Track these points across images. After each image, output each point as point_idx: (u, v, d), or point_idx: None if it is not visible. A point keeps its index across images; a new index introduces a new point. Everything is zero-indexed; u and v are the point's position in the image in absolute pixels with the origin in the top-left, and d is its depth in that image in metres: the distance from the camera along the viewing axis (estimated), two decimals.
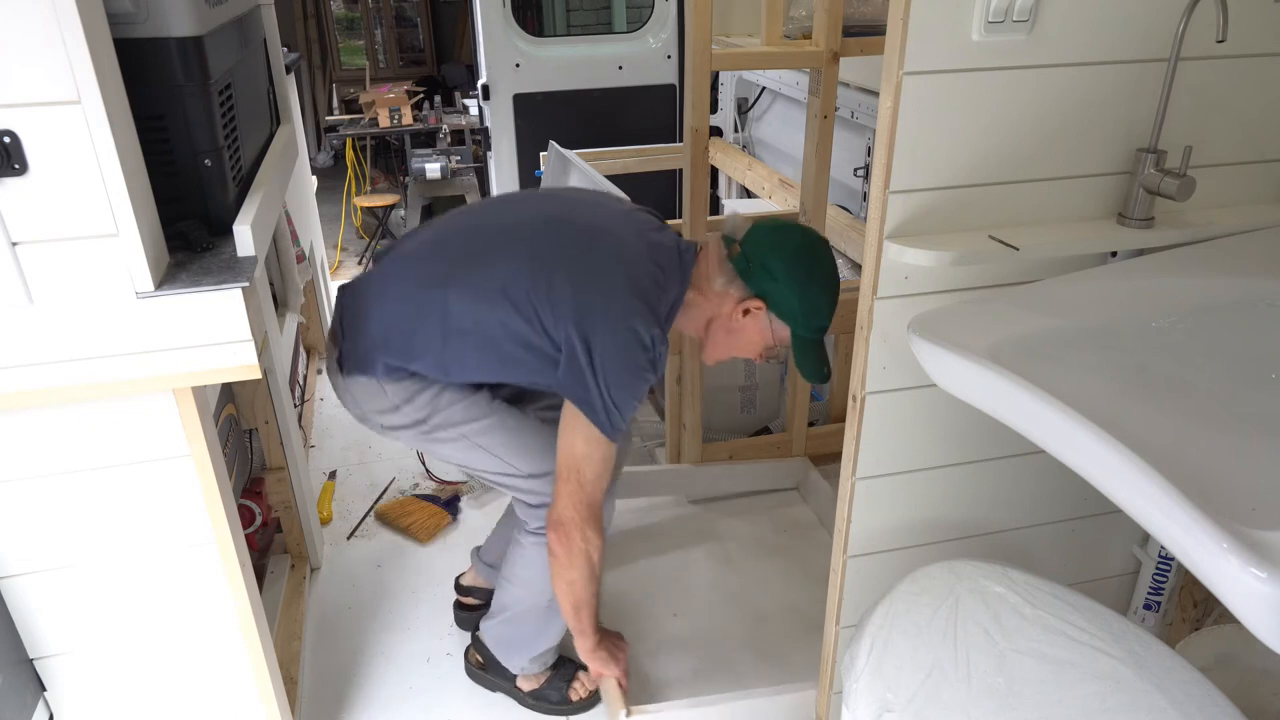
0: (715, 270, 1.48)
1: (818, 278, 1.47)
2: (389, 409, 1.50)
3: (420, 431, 1.53)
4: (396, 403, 1.49)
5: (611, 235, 1.47)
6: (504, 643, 1.77)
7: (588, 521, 1.45)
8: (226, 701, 1.47)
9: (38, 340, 1.10)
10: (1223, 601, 0.75)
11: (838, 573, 1.47)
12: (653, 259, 1.45)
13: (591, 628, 1.61)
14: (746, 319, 1.48)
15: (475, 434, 1.53)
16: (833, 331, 2.30)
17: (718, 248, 1.50)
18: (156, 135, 1.23)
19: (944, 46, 1.12)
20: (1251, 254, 1.24)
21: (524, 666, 1.77)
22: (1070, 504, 1.53)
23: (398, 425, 1.53)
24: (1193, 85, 1.23)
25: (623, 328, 1.37)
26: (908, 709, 1.03)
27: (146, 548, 1.32)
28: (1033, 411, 0.93)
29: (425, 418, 1.50)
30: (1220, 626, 1.43)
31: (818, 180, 2.07)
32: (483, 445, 1.54)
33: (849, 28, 2.00)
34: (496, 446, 1.55)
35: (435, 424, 1.51)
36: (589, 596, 1.54)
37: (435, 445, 1.57)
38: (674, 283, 1.47)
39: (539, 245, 1.44)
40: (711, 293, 1.49)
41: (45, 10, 0.96)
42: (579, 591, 1.52)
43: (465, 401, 1.51)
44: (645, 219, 1.56)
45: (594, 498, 1.45)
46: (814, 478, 2.37)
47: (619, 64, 3.61)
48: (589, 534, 1.46)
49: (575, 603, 1.55)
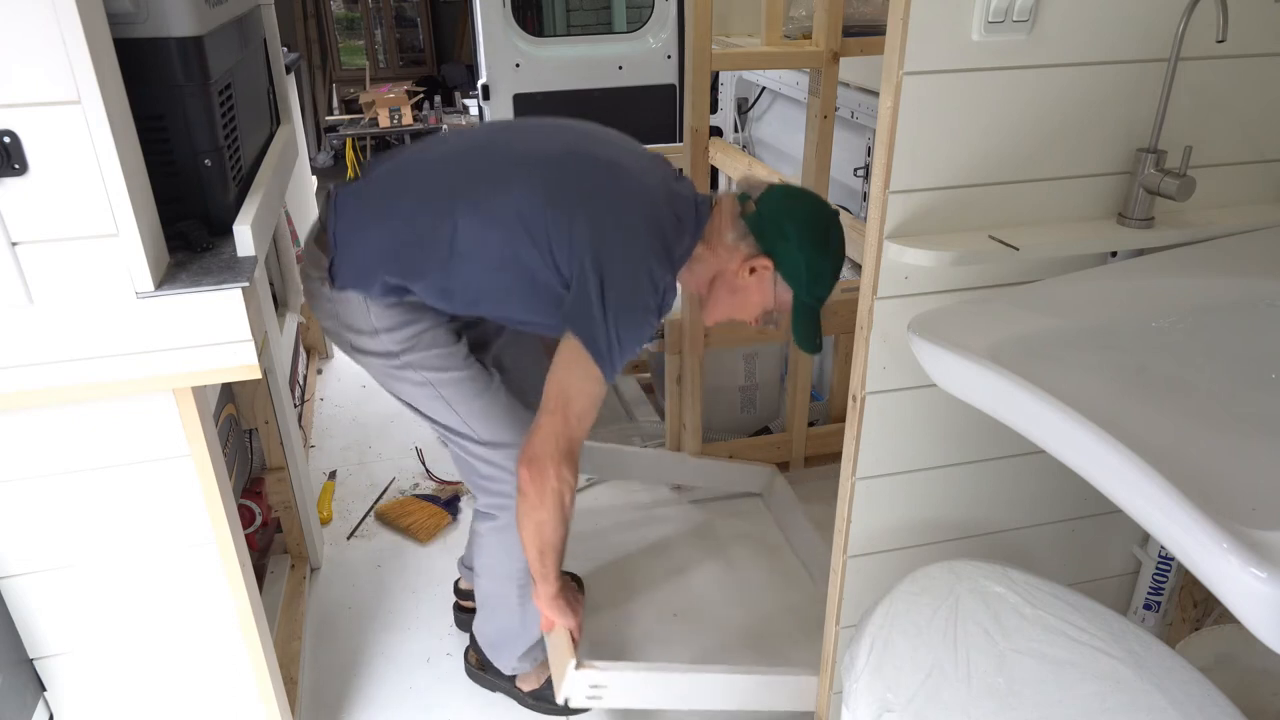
0: (727, 226, 1.46)
1: (828, 245, 1.46)
2: (368, 332, 1.46)
3: (389, 364, 1.49)
4: (378, 327, 1.45)
5: (633, 174, 1.44)
6: (489, 642, 1.77)
7: (565, 459, 1.38)
8: (226, 701, 1.47)
9: (38, 340, 1.10)
10: (1223, 601, 0.75)
11: (838, 573, 1.47)
12: (671, 205, 1.43)
13: (555, 574, 1.53)
14: (751, 278, 1.47)
15: (442, 384, 1.50)
16: (833, 332, 2.31)
17: (732, 204, 1.48)
18: (156, 135, 1.23)
19: (944, 46, 1.12)
20: (1251, 254, 1.24)
21: (514, 665, 1.76)
22: (1070, 504, 1.53)
23: (369, 351, 1.49)
24: (1193, 85, 1.23)
25: (639, 266, 1.36)
26: (908, 709, 1.03)
27: (146, 548, 1.32)
28: (1033, 411, 0.93)
29: (399, 352, 1.47)
30: (1220, 626, 1.43)
31: (818, 180, 2.07)
32: (446, 398, 1.51)
33: (849, 28, 2.00)
34: (459, 403, 1.52)
35: (406, 362, 1.48)
36: (557, 541, 1.46)
37: (398, 384, 1.53)
38: (688, 232, 1.45)
39: (559, 176, 1.40)
40: (721, 247, 1.47)
41: (45, 10, 0.96)
42: (547, 534, 1.44)
43: (444, 350, 1.49)
44: (666, 166, 1.54)
45: (575, 435, 1.38)
46: (779, 484, 2.35)
47: (619, 64, 3.61)
48: (564, 472, 1.38)
49: (541, 546, 1.46)
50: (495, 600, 1.71)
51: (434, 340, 1.48)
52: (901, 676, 1.07)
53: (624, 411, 2.79)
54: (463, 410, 1.53)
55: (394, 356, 1.48)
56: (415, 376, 1.50)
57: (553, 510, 1.41)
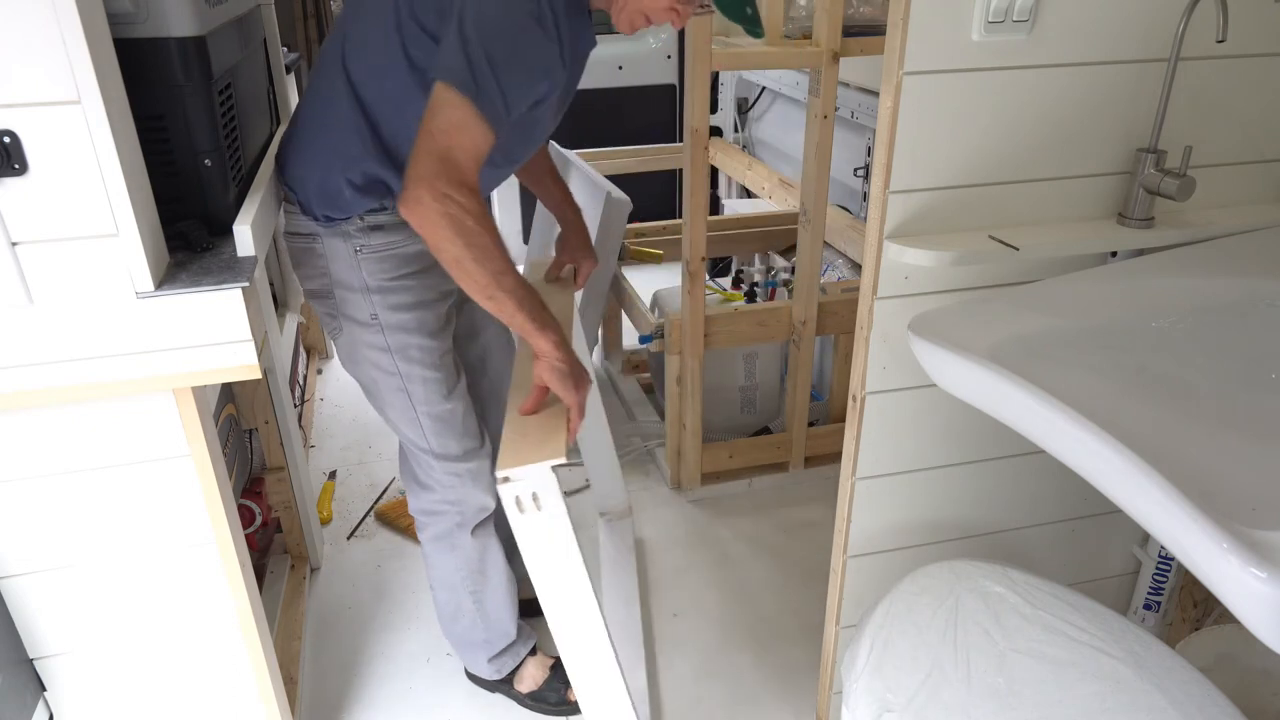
0: None
1: None
2: (358, 289, 1.40)
3: (367, 335, 1.43)
4: (369, 285, 1.39)
5: None
6: (460, 646, 1.77)
7: (439, 176, 1.16)
8: (226, 701, 1.47)
9: (38, 340, 1.10)
10: (1223, 601, 0.75)
11: (838, 573, 1.47)
12: None
13: (531, 320, 1.25)
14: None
15: (411, 378, 1.45)
16: (833, 332, 2.32)
17: None
18: (156, 135, 1.23)
19: (944, 46, 1.12)
20: (1251, 254, 1.25)
21: (489, 670, 1.75)
22: (1070, 504, 1.54)
23: (353, 318, 1.43)
24: (1193, 85, 1.23)
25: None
26: (908, 709, 1.03)
27: (146, 548, 1.32)
28: (1033, 411, 0.93)
29: (383, 326, 1.41)
30: (1220, 626, 1.43)
31: (818, 180, 2.07)
32: (410, 392, 1.47)
33: (849, 28, 2.00)
34: (421, 402, 1.47)
35: (385, 344, 1.43)
36: (491, 271, 1.20)
37: (366, 364, 1.47)
38: None
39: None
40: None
41: (45, 10, 0.96)
42: (470, 269, 1.20)
43: (426, 341, 1.44)
44: None
45: (454, 163, 1.17)
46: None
47: (619, 64, 3.61)
48: (440, 188, 1.15)
49: (486, 289, 1.21)
50: (452, 609, 1.70)
51: (420, 324, 1.44)
52: (901, 676, 1.07)
53: (624, 411, 2.80)
54: (421, 410, 1.49)
55: (375, 329, 1.42)
56: (386, 362, 1.45)
57: (453, 238, 1.17)
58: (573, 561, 1.24)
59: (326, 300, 1.47)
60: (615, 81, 3.62)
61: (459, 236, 1.17)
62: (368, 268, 1.40)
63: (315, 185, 1.38)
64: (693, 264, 2.11)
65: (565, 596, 1.27)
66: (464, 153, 1.18)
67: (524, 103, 1.23)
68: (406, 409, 1.50)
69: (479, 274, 1.20)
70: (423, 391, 1.47)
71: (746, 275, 2.70)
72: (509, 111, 1.20)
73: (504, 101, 1.18)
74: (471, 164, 1.19)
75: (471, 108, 1.16)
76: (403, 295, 1.42)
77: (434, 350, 1.47)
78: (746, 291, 2.66)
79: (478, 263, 1.19)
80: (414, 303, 1.43)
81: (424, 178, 1.16)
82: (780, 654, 1.89)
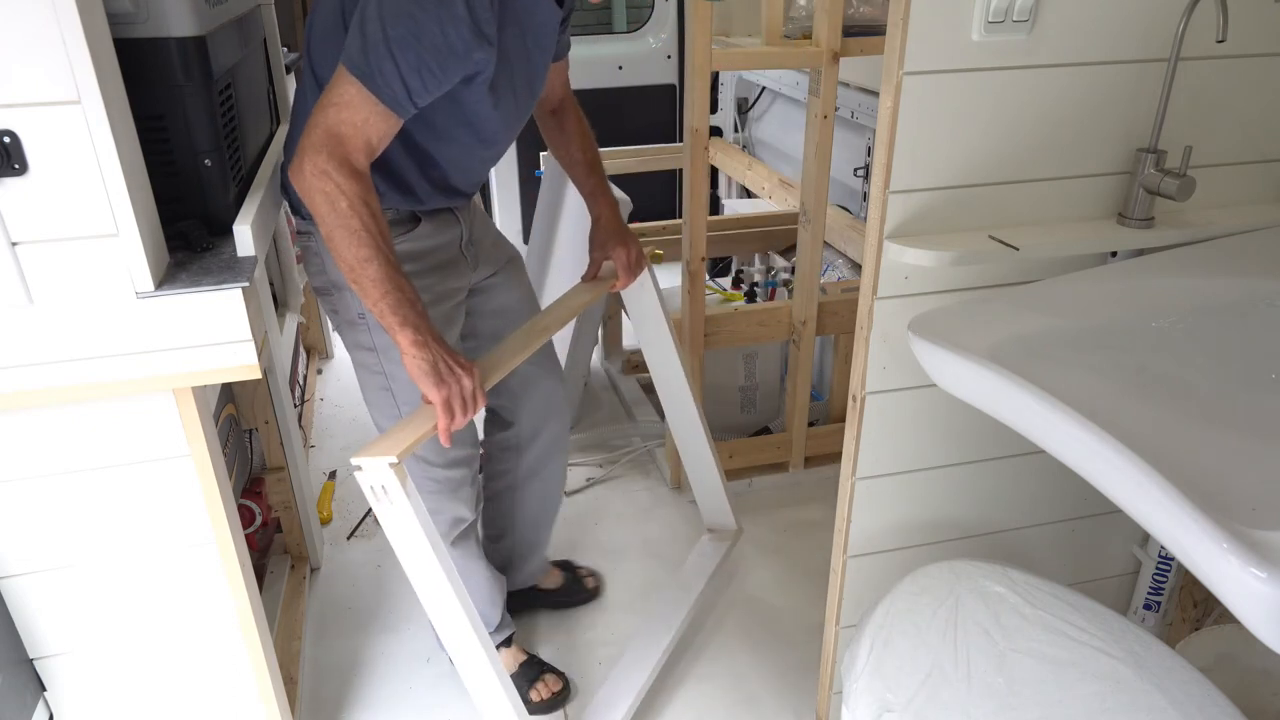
0: None
1: None
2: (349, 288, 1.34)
3: (355, 337, 1.46)
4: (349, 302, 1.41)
5: None
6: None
7: (322, 150, 1.16)
8: (226, 701, 1.47)
9: (38, 340, 1.10)
10: (1223, 601, 0.75)
11: (838, 573, 1.47)
12: None
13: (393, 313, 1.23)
14: None
15: (396, 379, 1.45)
16: (833, 332, 2.32)
17: None
18: (156, 135, 1.23)
19: (944, 46, 1.12)
20: (1251, 254, 1.25)
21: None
22: (1070, 504, 1.54)
23: (346, 318, 1.45)
24: (1193, 85, 1.23)
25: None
26: (908, 709, 1.03)
27: (146, 548, 1.32)
28: (1033, 411, 0.93)
29: (369, 326, 1.42)
30: (1220, 626, 1.43)
31: (818, 180, 2.07)
32: (395, 393, 1.47)
33: (849, 28, 2.00)
34: (406, 404, 1.47)
35: (372, 343, 1.45)
36: (357, 256, 1.19)
37: (356, 367, 1.50)
38: None
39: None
40: None
41: (45, 10, 0.96)
42: (339, 247, 1.19)
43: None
44: None
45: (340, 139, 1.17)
46: None
47: (619, 64, 3.61)
48: (320, 163, 1.16)
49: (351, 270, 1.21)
50: None
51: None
52: (901, 676, 1.07)
53: (624, 411, 2.80)
54: (405, 411, 1.48)
55: (362, 328, 1.43)
56: (371, 361, 1.46)
57: (325, 215, 1.18)
58: (424, 551, 1.27)
59: (327, 298, 1.48)
60: (615, 81, 3.62)
61: (331, 214, 1.18)
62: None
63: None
64: (693, 264, 2.11)
65: (424, 579, 1.31)
66: (352, 130, 1.17)
67: (435, 83, 1.19)
68: (390, 408, 1.50)
69: (345, 254, 1.20)
70: (406, 393, 1.47)
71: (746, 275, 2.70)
72: (411, 94, 1.18)
73: (403, 84, 1.16)
74: (359, 143, 1.18)
75: (363, 89, 1.16)
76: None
77: None
78: (746, 291, 2.66)
79: (345, 244, 1.19)
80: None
81: (307, 149, 1.17)
82: (780, 654, 1.89)
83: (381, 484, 1.21)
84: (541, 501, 1.85)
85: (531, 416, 1.74)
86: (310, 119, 1.18)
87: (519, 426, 1.75)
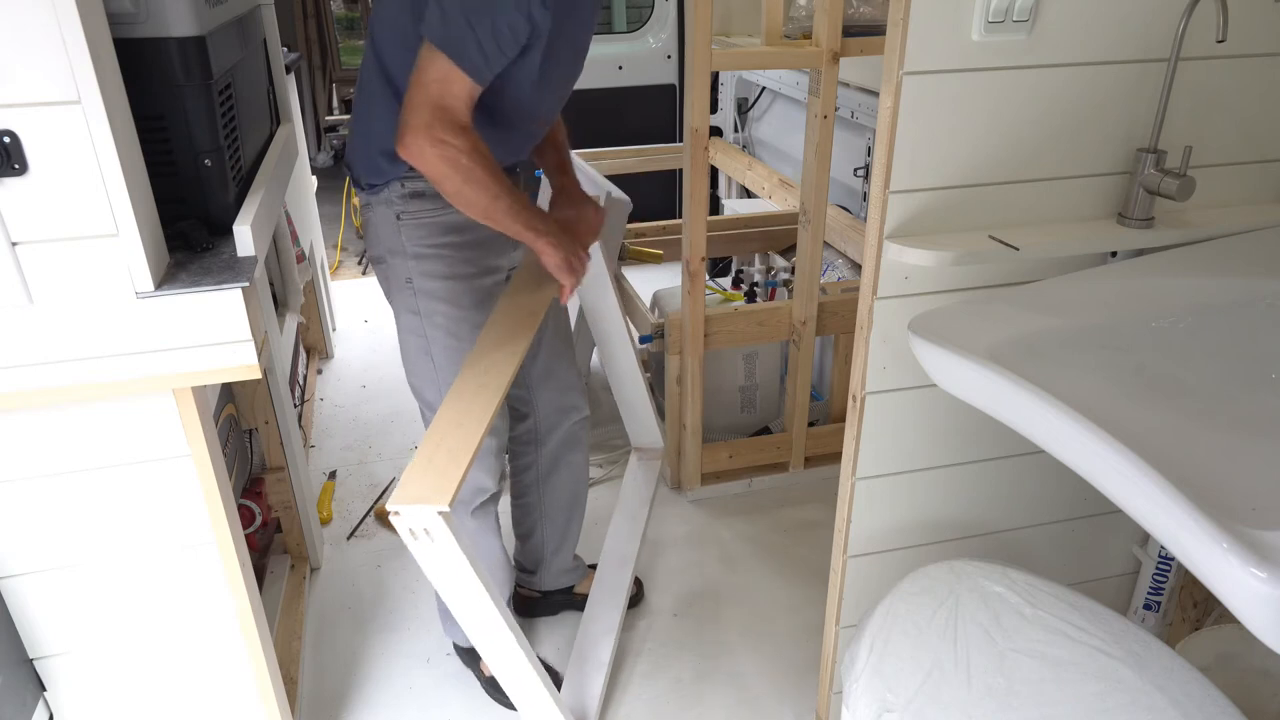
0: None
1: None
2: (400, 253, 1.49)
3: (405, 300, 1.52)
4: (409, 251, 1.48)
5: None
6: (444, 614, 1.82)
7: (435, 124, 1.26)
8: (226, 701, 1.47)
9: (38, 340, 1.10)
10: (1223, 601, 0.75)
11: (838, 573, 1.47)
12: None
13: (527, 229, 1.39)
14: None
15: (436, 343, 1.52)
16: (833, 332, 2.32)
17: None
18: (156, 135, 1.23)
19: (944, 46, 1.12)
20: (1251, 254, 1.25)
21: (458, 636, 1.81)
22: (1070, 504, 1.54)
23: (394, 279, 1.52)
24: (1193, 85, 1.23)
25: None
26: (908, 709, 1.03)
27: (147, 548, 1.32)
28: (1033, 411, 0.93)
29: (417, 291, 1.50)
30: (1220, 626, 1.43)
31: (818, 180, 2.07)
32: (434, 356, 1.53)
33: (849, 28, 2.00)
34: (445, 368, 1.53)
35: (418, 308, 1.51)
36: (492, 197, 1.32)
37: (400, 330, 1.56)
38: None
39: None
40: None
41: (45, 10, 0.96)
42: (471, 197, 1.32)
43: (458, 311, 1.51)
44: None
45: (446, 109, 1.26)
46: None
47: (619, 64, 3.61)
48: (438, 134, 1.26)
49: (486, 212, 1.34)
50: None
51: (451, 294, 1.49)
52: (901, 676, 1.07)
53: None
54: (443, 376, 1.54)
55: (409, 292, 1.50)
56: (415, 324, 1.53)
57: (451, 175, 1.29)
58: (471, 584, 1.25)
59: (381, 266, 1.54)
60: (615, 81, 3.62)
61: (456, 173, 1.29)
62: (407, 233, 1.47)
63: (361, 156, 1.47)
64: (693, 264, 2.11)
65: (471, 612, 1.31)
66: (455, 99, 1.27)
67: (511, 47, 1.28)
68: (429, 373, 1.56)
69: (478, 201, 1.33)
70: (445, 359, 1.54)
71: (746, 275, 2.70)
72: (489, 61, 1.27)
73: (481, 52, 1.25)
74: (463, 107, 1.28)
75: (449, 61, 1.25)
76: (437, 264, 1.48)
77: (462, 321, 1.52)
78: (746, 291, 2.66)
79: (477, 194, 1.32)
80: (447, 273, 1.49)
81: (419, 128, 1.26)
82: (780, 654, 1.89)
83: (424, 527, 1.16)
84: (566, 494, 1.87)
85: (548, 408, 1.77)
86: (408, 99, 1.27)
87: (536, 418, 1.78)
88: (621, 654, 1.89)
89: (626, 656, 1.89)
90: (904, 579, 1.22)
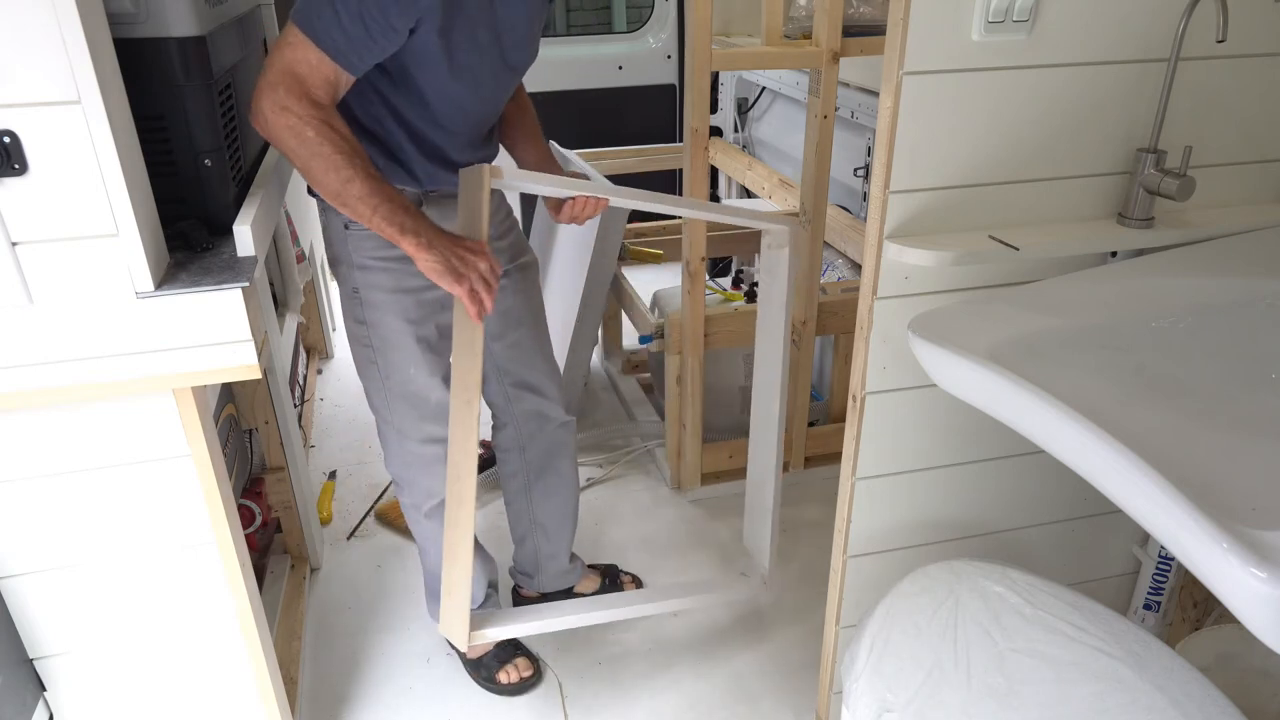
0: None
1: None
2: (345, 262, 1.45)
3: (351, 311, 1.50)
4: (354, 262, 1.45)
5: None
6: (430, 596, 1.85)
7: (279, 86, 1.18)
8: (226, 701, 1.47)
9: (38, 340, 1.10)
10: (1223, 601, 0.76)
11: (838, 573, 1.47)
12: None
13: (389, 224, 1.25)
14: None
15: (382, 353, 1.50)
16: (833, 331, 2.32)
17: None
18: (156, 135, 1.23)
19: (944, 46, 1.12)
20: (1251, 254, 1.25)
21: (433, 612, 1.84)
22: (1070, 504, 1.54)
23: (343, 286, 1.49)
24: (1193, 85, 1.23)
25: None
26: (908, 709, 1.03)
27: (147, 548, 1.32)
28: (1033, 411, 0.93)
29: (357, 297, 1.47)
30: (1220, 626, 1.43)
31: (818, 180, 2.07)
32: (380, 366, 1.51)
33: (849, 28, 2.00)
34: (388, 378, 1.52)
35: (364, 319, 1.48)
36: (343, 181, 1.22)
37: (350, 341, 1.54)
38: None
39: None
40: None
41: (45, 10, 0.96)
42: (318, 176, 1.22)
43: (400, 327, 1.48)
44: None
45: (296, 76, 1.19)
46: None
47: (619, 64, 3.61)
48: (281, 101, 1.18)
49: (338, 195, 1.23)
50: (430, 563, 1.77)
51: (397, 306, 1.46)
52: (901, 676, 1.07)
53: (624, 411, 2.80)
54: (389, 385, 1.53)
55: (356, 302, 1.47)
56: (362, 334, 1.50)
57: (295, 148, 1.21)
58: None
59: (335, 269, 1.52)
60: (615, 81, 3.62)
61: (301, 146, 1.20)
62: (354, 244, 1.44)
63: None
64: (693, 264, 2.11)
65: None
66: (310, 70, 1.20)
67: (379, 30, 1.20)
68: (377, 382, 1.55)
69: (327, 181, 1.23)
70: (390, 369, 1.52)
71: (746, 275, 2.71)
72: (350, 39, 1.19)
73: (340, 27, 1.18)
74: (319, 81, 1.21)
75: (308, 41, 1.19)
76: (383, 276, 1.45)
77: (407, 334, 1.49)
78: (746, 291, 2.66)
79: (324, 172, 1.22)
80: (393, 286, 1.46)
81: (264, 88, 1.20)
82: (780, 654, 1.89)
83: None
84: (556, 500, 1.86)
85: (524, 417, 1.77)
86: (265, 60, 1.21)
87: (515, 426, 1.77)
88: (622, 654, 1.89)
89: (627, 656, 1.89)
90: (904, 579, 1.22)
